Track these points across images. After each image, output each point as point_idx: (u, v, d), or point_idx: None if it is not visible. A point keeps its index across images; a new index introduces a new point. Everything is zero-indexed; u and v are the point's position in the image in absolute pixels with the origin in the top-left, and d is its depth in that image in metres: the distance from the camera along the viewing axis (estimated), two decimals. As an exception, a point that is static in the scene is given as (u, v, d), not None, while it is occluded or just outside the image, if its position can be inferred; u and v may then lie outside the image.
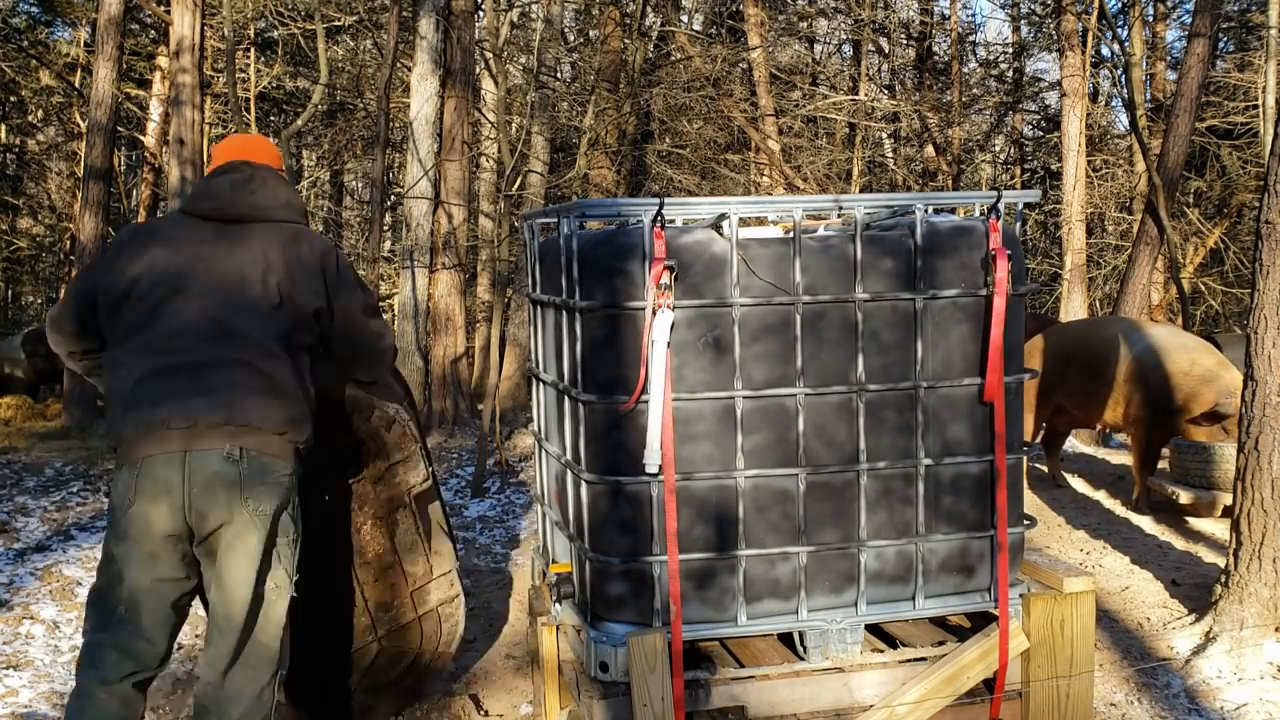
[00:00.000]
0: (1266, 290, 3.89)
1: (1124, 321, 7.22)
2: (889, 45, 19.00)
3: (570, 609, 2.89)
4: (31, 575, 5.46)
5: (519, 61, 15.50)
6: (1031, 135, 20.67)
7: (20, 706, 3.76)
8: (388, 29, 9.17)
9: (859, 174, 16.49)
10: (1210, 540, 5.44)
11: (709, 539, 2.67)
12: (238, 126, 9.91)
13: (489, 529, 6.69)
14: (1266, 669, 3.71)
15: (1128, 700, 3.69)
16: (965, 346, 2.78)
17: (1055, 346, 6.64)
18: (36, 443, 9.98)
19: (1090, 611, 2.88)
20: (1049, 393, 6.50)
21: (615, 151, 13.90)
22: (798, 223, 2.68)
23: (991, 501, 2.83)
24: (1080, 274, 15.13)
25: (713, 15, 17.34)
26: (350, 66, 17.24)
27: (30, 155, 19.51)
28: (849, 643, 2.76)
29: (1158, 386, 5.87)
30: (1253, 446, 3.89)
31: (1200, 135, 14.38)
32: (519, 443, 9.79)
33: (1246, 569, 3.88)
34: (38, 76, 17.50)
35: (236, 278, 2.57)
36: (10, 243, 18.62)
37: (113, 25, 11.40)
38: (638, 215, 2.68)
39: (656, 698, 2.54)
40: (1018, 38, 20.30)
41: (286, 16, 14.20)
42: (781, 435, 2.68)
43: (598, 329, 2.64)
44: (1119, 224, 17.88)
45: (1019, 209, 2.96)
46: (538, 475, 3.44)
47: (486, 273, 14.02)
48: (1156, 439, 5.94)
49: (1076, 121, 15.05)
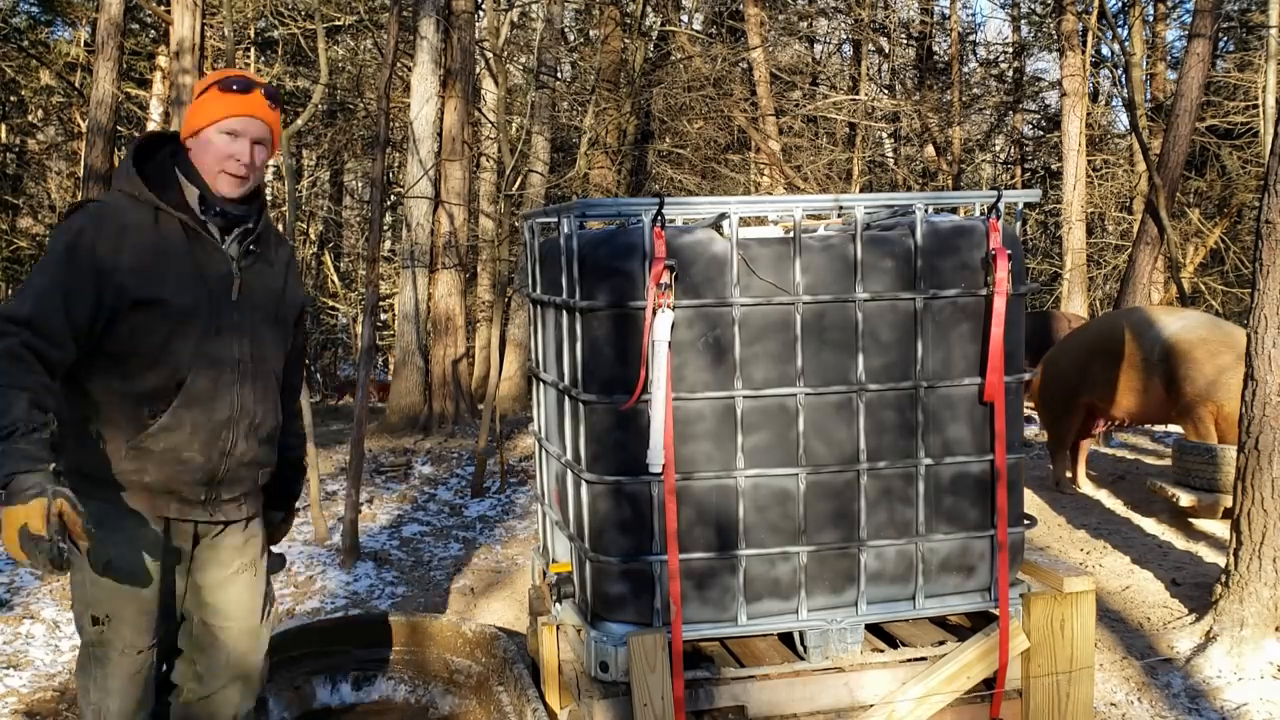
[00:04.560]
0: (1266, 290, 3.89)
1: (1138, 311, 7.19)
2: (889, 45, 19.00)
3: (570, 609, 2.89)
4: (31, 575, 5.46)
5: (519, 61, 15.50)
6: (1031, 135, 20.67)
7: (20, 706, 3.76)
8: (388, 29, 9.16)
9: (859, 174, 16.49)
10: (1210, 540, 5.44)
11: (709, 539, 2.67)
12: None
13: (489, 529, 6.69)
14: (1266, 669, 3.71)
15: (1128, 700, 3.69)
16: (965, 346, 2.78)
17: (1076, 347, 6.63)
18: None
19: (1090, 611, 2.88)
20: (1077, 394, 6.47)
21: (615, 151, 13.90)
22: (798, 223, 2.68)
23: (992, 501, 2.83)
24: (1080, 274, 15.14)
25: (713, 15, 17.34)
26: (350, 66, 17.24)
27: (30, 155, 19.51)
28: (849, 642, 2.76)
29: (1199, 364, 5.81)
30: (1253, 446, 3.89)
31: (1200, 135, 14.38)
32: (519, 443, 9.79)
33: (1247, 569, 3.88)
34: (38, 76, 17.50)
35: None
36: (10, 242, 18.61)
37: (113, 25, 11.40)
38: (638, 215, 2.68)
39: (657, 698, 2.54)
40: (1018, 37, 20.30)
41: (286, 16, 14.20)
42: (782, 435, 2.68)
43: (598, 329, 2.64)
44: (1119, 224, 17.88)
45: (1019, 209, 2.95)
46: (538, 475, 3.45)
47: (487, 273, 14.01)
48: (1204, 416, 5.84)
49: (1077, 121, 15.06)
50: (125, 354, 2.28)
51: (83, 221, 2.27)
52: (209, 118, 2.35)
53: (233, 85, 2.37)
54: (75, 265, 2.23)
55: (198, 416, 2.33)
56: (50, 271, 2.23)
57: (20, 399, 2.09)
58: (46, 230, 19.43)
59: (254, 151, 2.37)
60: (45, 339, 2.17)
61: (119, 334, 2.27)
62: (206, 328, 2.33)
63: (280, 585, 5.31)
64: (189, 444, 2.33)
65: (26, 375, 2.12)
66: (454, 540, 6.43)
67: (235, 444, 2.39)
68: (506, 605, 5.01)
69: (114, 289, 2.23)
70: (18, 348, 2.14)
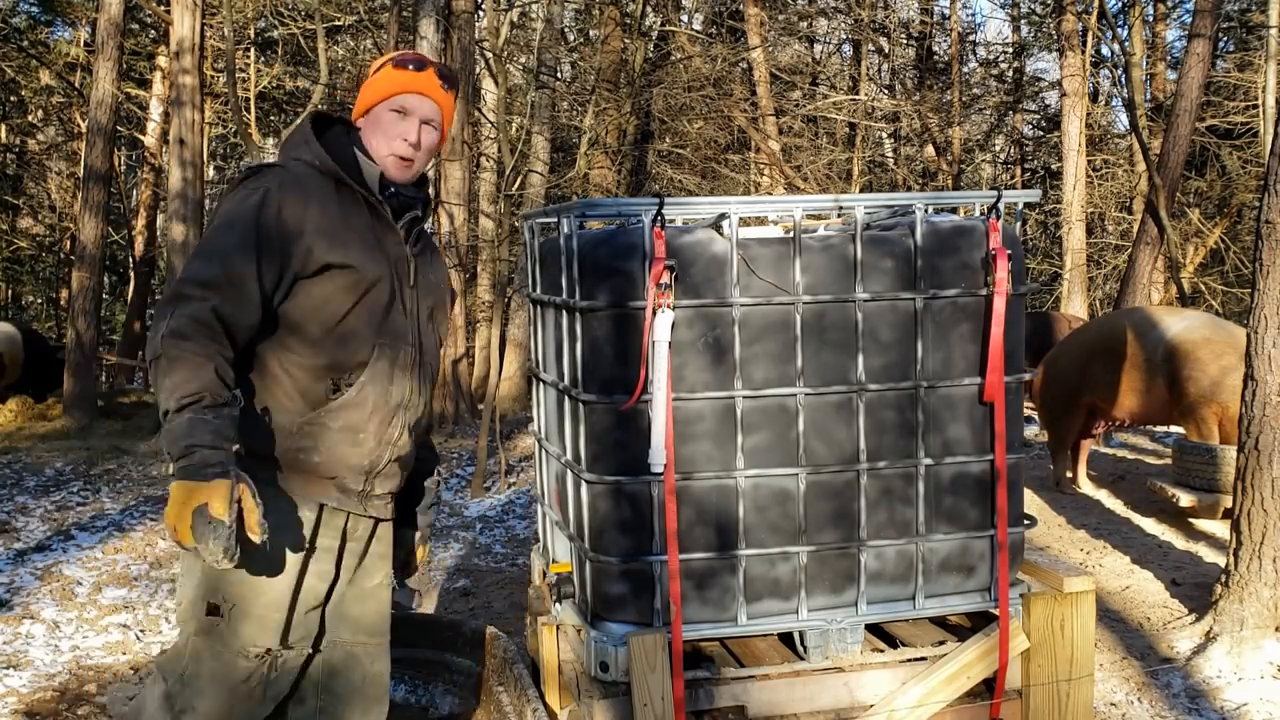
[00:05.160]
0: (1266, 290, 3.89)
1: (1140, 311, 7.19)
2: (889, 45, 19.01)
3: (570, 609, 2.89)
4: (31, 575, 5.47)
5: (519, 61, 15.50)
6: (1031, 135, 20.68)
7: (20, 706, 3.76)
8: (388, 29, 9.18)
9: (859, 174, 16.50)
10: (1210, 540, 5.44)
11: (709, 539, 2.67)
12: (238, 126, 9.90)
13: (489, 529, 6.70)
14: (1266, 669, 3.71)
15: (1128, 700, 3.69)
16: (965, 346, 2.78)
17: (1077, 348, 6.62)
18: (37, 443, 9.98)
19: (1090, 611, 2.88)
20: (1078, 395, 6.46)
21: (615, 151, 13.90)
22: (798, 223, 2.68)
23: (992, 501, 2.83)
24: (1080, 274, 15.14)
25: (713, 15, 17.35)
26: (350, 66, 17.25)
27: (30, 155, 19.52)
28: (849, 642, 2.76)
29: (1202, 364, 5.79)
30: (1253, 446, 3.89)
31: (1200, 135, 14.38)
32: (519, 443, 9.79)
33: (1247, 569, 3.88)
34: (38, 76, 17.52)
35: None
36: (10, 243, 18.62)
37: (113, 25, 11.41)
38: (638, 215, 2.68)
39: (657, 698, 2.54)
40: (1018, 37, 20.31)
41: (286, 16, 14.20)
42: (782, 435, 2.68)
43: (598, 329, 2.64)
44: (1119, 224, 17.89)
45: (1019, 209, 2.95)
46: (538, 475, 3.45)
47: (487, 273, 14.01)
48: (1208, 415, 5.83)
49: (1076, 121, 15.07)
50: (308, 323, 2.13)
51: (267, 183, 2.11)
52: (379, 94, 2.25)
53: (408, 63, 2.26)
54: (264, 226, 2.06)
55: (378, 396, 2.18)
56: (239, 232, 2.05)
57: (207, 368, 1.94)
58: (47, 230, 19.46)
59: (422, 131, 2.24)
60: (235, 305, 2.02)
61: (303, 301, 2.12)
62: (390, 304, 2.20)
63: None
64: (365, 424, 2.17)
65: (211, 344, 1.97)
66: (454, 540, 6.44)
67: (400, 434, 2.24)
68: (507, 605, 5.01)
69: (303, 251, 2.09)
70: (207, 314, 1.98)
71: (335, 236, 2.12)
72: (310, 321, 2.13)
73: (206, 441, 1.89)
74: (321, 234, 2.11)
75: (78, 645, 4.44)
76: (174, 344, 1.95)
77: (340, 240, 2.13)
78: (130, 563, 5.78)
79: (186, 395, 1.91)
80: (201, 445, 1.89)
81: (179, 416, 1.91)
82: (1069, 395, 6.52)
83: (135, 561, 5.81)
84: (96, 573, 5.57)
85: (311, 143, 2.21)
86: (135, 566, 5.70)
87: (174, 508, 1.87)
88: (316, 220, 2.11)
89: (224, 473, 1.88)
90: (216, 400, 1.94)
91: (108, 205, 12.24)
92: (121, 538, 6.34)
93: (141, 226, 17.56)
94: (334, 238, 2.12)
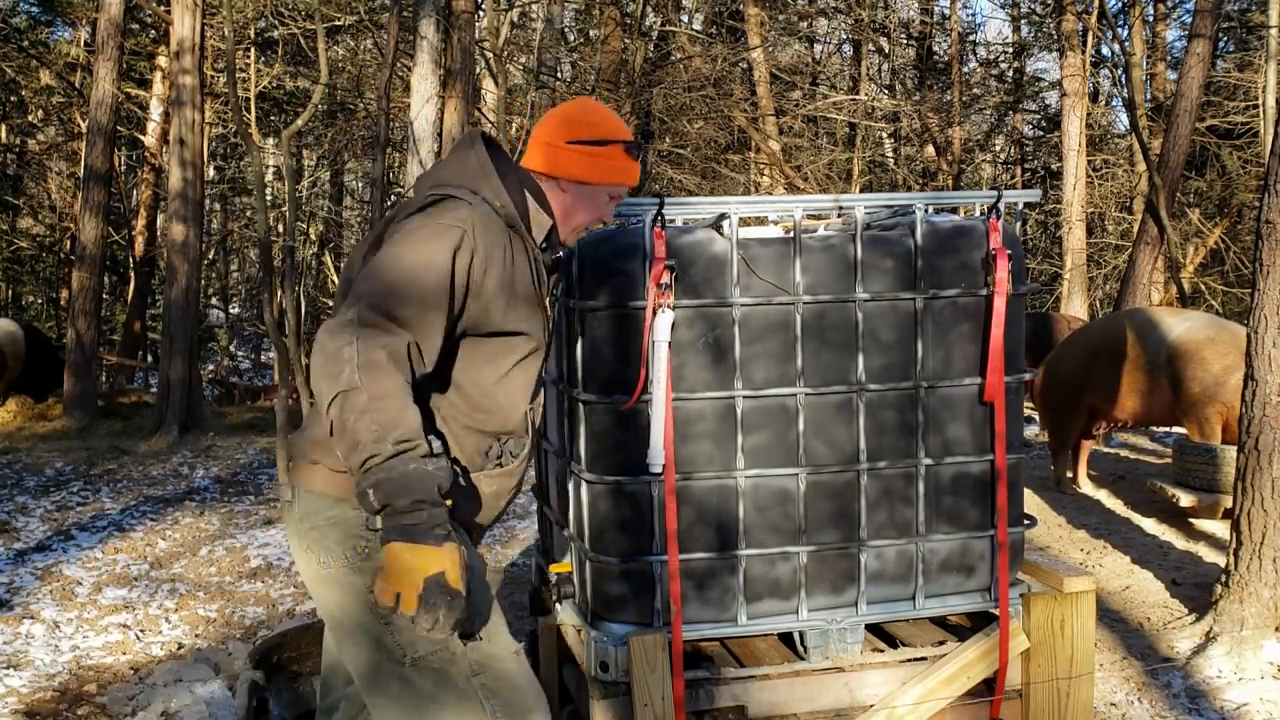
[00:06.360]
0: (1266, 290, 3.89)
1: (1141, 312, 7.19)
2: (889, 45, 19.01)
3: (570, 609, 2.89)
4: (31, 575, 5.47)
5: (519, 61, 15.49)
6: (1031, 135, 20.69)
7: (20, 706, 3.76)
8: (388, 29, 9.18)
9: (859, 174, 16.50)
10: (1210, 540, 5.44)
11: (709, 539, 2.67)
12: (238, 126, 9.91)
13: (488, 529, 6.69)
14: (1267, 669, 3.71)
15: (1128, 700, 3.69)
16: (965, 346, 2.78)
17: (1078, 349, 6.62)
18: (37, 443, 9.99)
19: (1091, 611, 2.88)
20: (1079, 395, 6.46)
21: (615, 151, 13.88)
22: (798, 223, 2.68)
23: (992, 501, 2.83)
24: (1080, 274, 15.15)
25: (713, 15, 17.35)
26: (350, 66, 17.25)
27: (30, 155, 19.52)
28: (849, 642, 2.76)
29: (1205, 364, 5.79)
30: (1253, 446, 3.89)
31: (1200, 135, 14.39)
32: (519, 443, 9.78)
33: (1247, 569, 3.89)
34: (38, 76, 17.51)
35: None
36: (10, 243, 18.62)
37: (113, 26, 11.42)
38: (638, 215, 2.68)
39: (657, 698, 2.54)
40: (1018, 37, 20.32)
41: (286, 16, 14.20)
42: (782, 435, 2.68)
43: (598, 329, 2.64)
44: (1119, 224, 17.89)
45: (1019, 209, 2.95)
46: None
47: (487, 273, 13.99)
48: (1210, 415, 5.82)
49: (1077, 121, 15.08)
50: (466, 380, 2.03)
51: (464, 223, 1.93)
52: (608, 177, 2.15)
53: (634, 151, 2.18)
54: (459, 273, 1.91)
55: (523, 459, 2.14)
56: (435, 276, 1.88)
57: (413, 410, 1.77)
58: (47, 230, 19.46)
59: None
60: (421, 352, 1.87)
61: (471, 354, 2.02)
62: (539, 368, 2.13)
63: (281, 585, 5.31)
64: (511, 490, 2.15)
65: (408, 384, 1.80)
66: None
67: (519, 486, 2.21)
68: (507, 605, 5.01)
69: (479, 310, 1.96)
70: (403, 349, 1.81)
71: (513, 296, 2.01)
72: (470, 379, 2.03)
73: (433, 498, 1.73)
74: (500, 293, 1.98)
75: (78, 645, 4.44)
76: (375, 378, 1.74)
77: (514, 303, 2.02)
78: (130, 563, 5.78)
79: (403, 440, 1.72)
80: (429, 502, 1.72)
81: (397, 463, 1.72)
82: (1070, 396, 6.52)
83: (135, 561, 5.80)
84: (96, 573, 5.57)
85: (492, 178, 2.05)
86: (135, 566, 5.70)
87: (403, 575, 1.69)
88: (498, 277, 1.97)
89: (449, 536, 1.74)
90: (432, 450, 1.77)
91: (108, 205, 12.24)
92: (121, 538, 6.34)
93: (142, 226, 17.56)
94: (511, 297, 2.01)
